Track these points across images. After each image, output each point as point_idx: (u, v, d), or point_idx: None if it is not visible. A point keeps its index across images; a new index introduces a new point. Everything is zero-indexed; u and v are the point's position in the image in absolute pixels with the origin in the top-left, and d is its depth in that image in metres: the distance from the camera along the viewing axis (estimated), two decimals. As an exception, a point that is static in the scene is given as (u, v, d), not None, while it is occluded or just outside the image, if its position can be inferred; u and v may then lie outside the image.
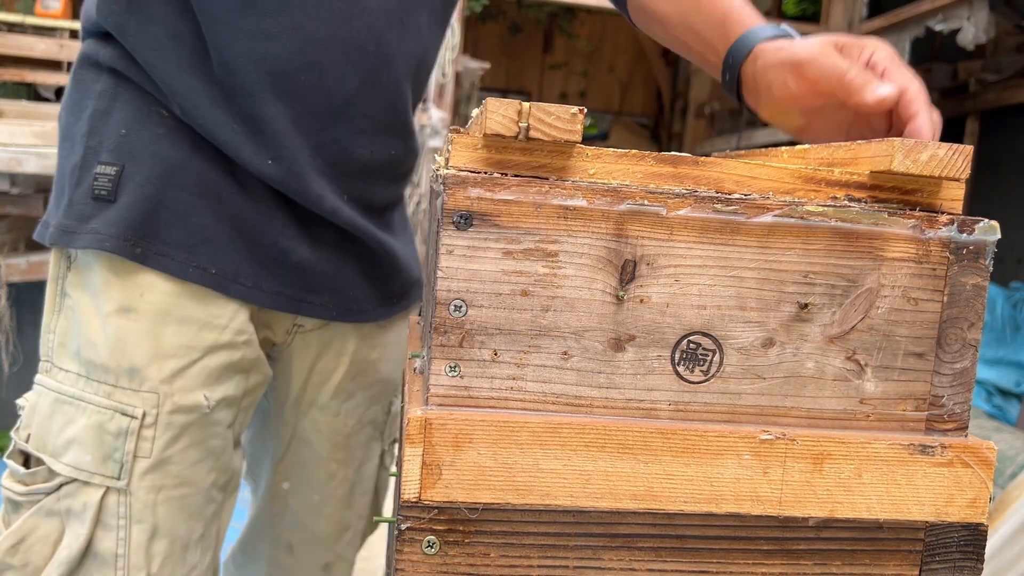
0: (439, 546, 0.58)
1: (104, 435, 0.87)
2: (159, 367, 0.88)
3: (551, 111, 0.56)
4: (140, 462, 0.88)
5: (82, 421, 0.87)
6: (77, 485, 0.88)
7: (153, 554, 0.90)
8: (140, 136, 0.88)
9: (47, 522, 0.88)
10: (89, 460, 0.87)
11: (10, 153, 2.72)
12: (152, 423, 0.88)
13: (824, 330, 0.61)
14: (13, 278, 2.93)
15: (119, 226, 0.86)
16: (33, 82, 4.31)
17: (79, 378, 0.89)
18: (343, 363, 1.06)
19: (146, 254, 0.87)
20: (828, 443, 0.60)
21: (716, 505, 0.60)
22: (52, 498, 0.88)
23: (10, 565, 0.88)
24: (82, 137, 0.90)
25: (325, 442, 1.09)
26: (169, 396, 0.88)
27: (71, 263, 0.91)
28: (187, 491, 0.91)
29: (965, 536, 0.62)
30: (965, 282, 0.61)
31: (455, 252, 0.57)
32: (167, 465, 0.89)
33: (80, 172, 0.89)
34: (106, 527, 0.88)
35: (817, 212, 0.60)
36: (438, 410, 0.58)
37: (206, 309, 0.90)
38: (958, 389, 0.63)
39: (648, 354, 0.59)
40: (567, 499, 0.59)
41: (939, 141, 0.61)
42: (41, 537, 0.88)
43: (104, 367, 0.88)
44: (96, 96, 0.91)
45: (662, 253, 0.59)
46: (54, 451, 0.88)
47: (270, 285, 0.93)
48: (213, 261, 0.89)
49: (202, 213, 0.89)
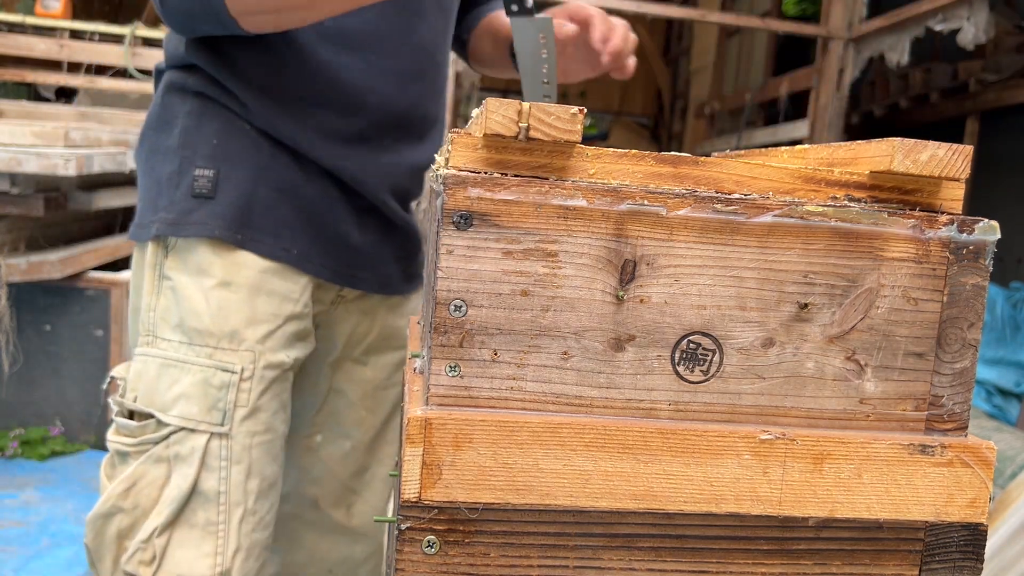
0: (439, 546, 0.58)
1: (209, 388, 1.04)
2: (254, 330, 1.06)
3: (551, 111, 0.56)
4: (239, 411, 1.05)
5: (187, 379, 1.04)
6: (185, 433, 1.03)
7: (249, 491, 1.06)
8: (230, 145, 1.08)
9: (155, 468, 1.04)
10: (196, 411, 1.03)
11: (10, 153, 2.72)
12: (249, 377, 1.05)
13: (824, 330, 0.61)
14: (13, 278, 2.93)
15: (223, 218, 1.06)
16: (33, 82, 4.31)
17: (182, 344, 1.06)
18: (375, 328, 1.26)
19: (244, 239, 1.07)
20: (828, 443, 0.60)
21: (716, 505, 0.60)
22: (161, 446, 1.04)
23: (121, 508, 1.04)
24: (176, 149, 1.09)
25: (356, 389, 1.28)
26: (262, 354, 1.07)
27: (168, 251, 1.08)
28: (271, 436, 1.09)
29: (965, 536, 0.62)
30: (965, 282, 0.62)
31: (455, 252, 0.57)
32: (259, 413, 1.07)
33: (179, 176, 1.08)
34: (209, 468, 1.03)
35: (817, 212, 0.60)
36: (438, 410, 0.58)
37: (286, 284, 1.09)
38: (958, 389, 0.63)
39: (648, 354, 0.59)
40: (567, 499, 0.59)
41: (936, 141, 0.61)
42: (150, 481, 1.04)
43: (207, 332, 1.05)
44: (185, 115, 1.10)
45: (662, 253, 0.59)
46: (163, 406, 1.04)
47: (331, 264, 1.14)
48: (293, 243, 1.09)
49: (284, 206, 1.09)
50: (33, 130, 3.00)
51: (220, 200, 1.07)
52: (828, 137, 4.05)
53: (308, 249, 1.11)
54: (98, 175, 3.14)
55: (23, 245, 3.09)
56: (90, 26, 4.09)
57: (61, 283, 3.16)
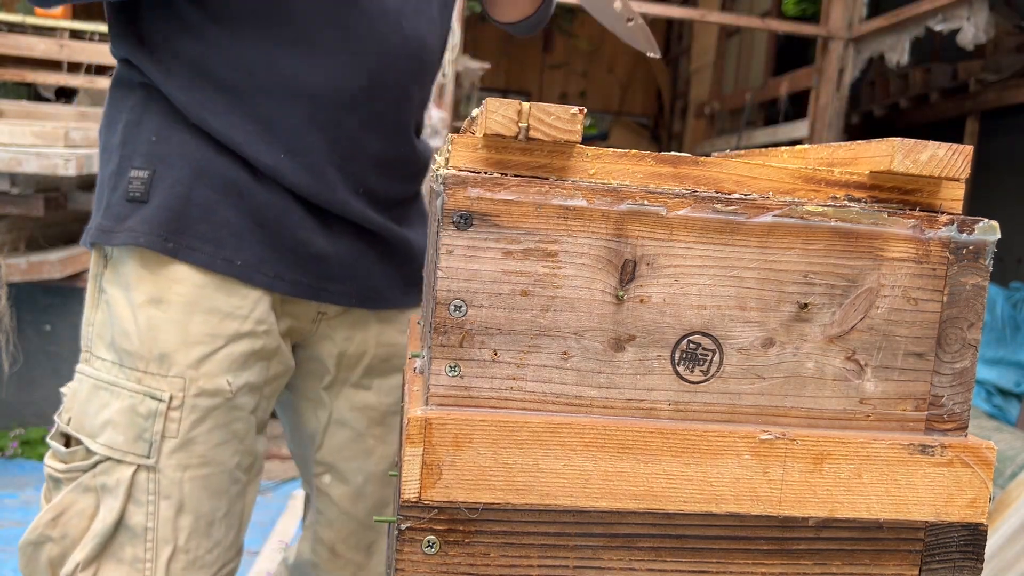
0: (439, 546, 0.58)
1: (135, 417, 0.95)
2: (186, 353, 0.96)
3: (551, 111, 0.56)
4: (168, 442, 0.95)
5: (116, 404, 0.96)
6: (111, 463, 0.95)
7: (180, 528, 0.97)
8: (169, 142, 0.97)
9: (84, 498, 0.97)
10: (122, 440, 0.95)
11: (10, 153, 2.72)
12: (179, 406, 0.96)
13: (824, 330, 0.61)
14: (13, 278, 2.93)
15: (152, 223, 0.95)
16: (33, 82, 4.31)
17: (113, 365, 0.97)
18: (370, 346, 1.14)
19: (177, 248, 0.95)
20: (828, 443, 0.60)
21: (716, 505, 0.60)
22: (89, 475, 0.96)
23: (49, 537, 0.97)
24: (117, 147, 0.99)
25: (361, 418, 1.15)
26: (194, 380, 0.96)
27: (107, 261, 1.00)
28: (212, 470, 0.99)
29: (965, 536, 0.62)
30: (965, 282, 0.61)
31: (455, 252, 0.57)
32: (192, 445, 0.97)
33: (116, 178, 0.98)
34: (137, 502, 0.96)
35: (817, 212, 0.60)
36: (438, 410, 0.58)
37: (230, 300, 0.97)
38: (958, 389, 0.63)
39: (648, 354, 0.59)
40: (567, 499, 0.59)
41: (936, 141, 0.61)
42: (79, 511, 0.97)
43: (136, 354, 0.96)
44: (128, 110, 1.00)
45: (662, 253, 0.59)
46: (91, 432, 0.96)
47: (290, 275, 1.01)
48: (237, 253, 0.97)
49: (226, 209, 0.97)
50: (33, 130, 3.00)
51: (151, 204, 0.95)
52: (828, 137, 4.06)
53: (259, 259, 0.98)
54: (98, 175, 3.13)
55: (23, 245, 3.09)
56: (90, 26, 4.09)
57: (61, 283, 3.16)
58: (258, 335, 0.99)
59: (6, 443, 3.18)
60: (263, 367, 1.01)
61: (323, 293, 1.04)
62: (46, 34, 4.18)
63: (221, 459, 0.99)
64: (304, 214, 1.00)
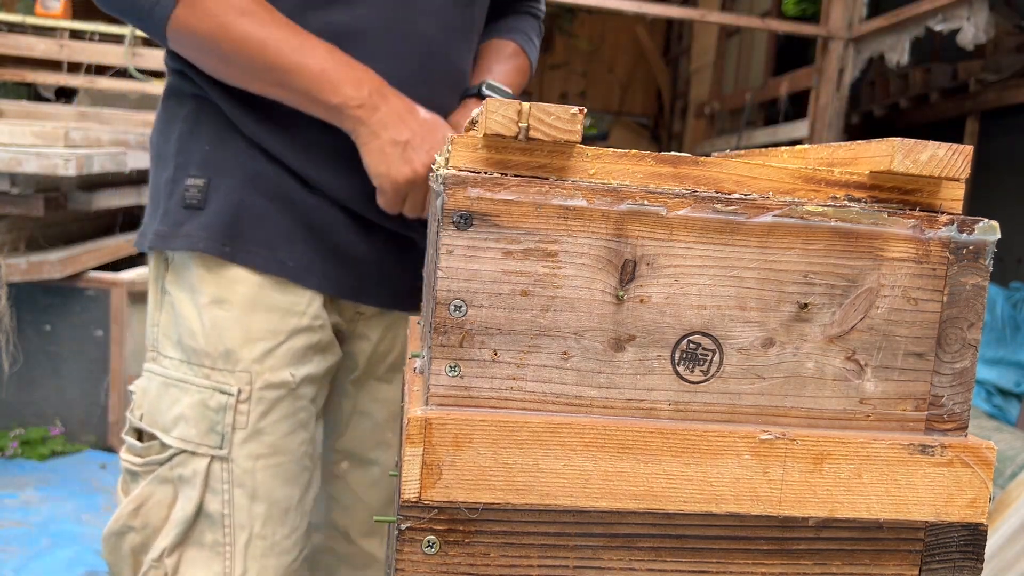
0: (439, 546, 0.58)
1: (206, 411, 1.01)
2: (250, 349, 1.02)
3: (551, 111, 0.56)
4: (238, 433, 1.02)
5: (186, 400, 1.02)
6: (186, 455, 1.02)
7: (255, 515, 1.03)
8: (223, 152, 1.04)
9: (162, 489, 1.03)
10: (195, 433, 1.01)
11: (10, 153, 2.72)
12: (247, 398, 1.02)
13: (824, 330, 0.61)
14: (13, 278, 2.93)
15: (210, 229, 1.01)
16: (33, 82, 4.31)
17: (182, 363, 1.03)
18: (398, 344, 1.21)
19: (235, 252, 1.02)
20: (828, 443, 0.60)
21: (716, 505, 0.60)
22: (165, 467, 1.03)
23: (131, 527, 1.03)
24: (172, 155, 1.05)
25: (382, 410, 1.22)
26: (260, 374, 1.03)
27: (168, 264, 1.06)
28: (281, 459, 1.05)
29: (965, 536, 0.62)
30: (965, 282, 0.61)
31: (455, 252, 0.57)
32: (262, 435, 1.03)
33: (172, 185, 1.04)
34: (213, 491, 1.02)
35: (817, 212, 0.60)
36: (438, 410, 0.58)
37: (287, 298, 1.04)
38: (958, 389, 0.63)
39: (648, 354, 0.59)
40: (567, 499, 0.59)
41: (936, 141, 0.61)
42: (158, 501, 1.03)
43: (203, 352, 1.02)
44: (182, 119, 1.06)
45: (662, 253, 0.59)
46: (164, 427, 1.03)
47: (335, 276, 1.08)
48: (290, 256, 1.04)
49: (279, 216, 1.04)
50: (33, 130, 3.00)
51: (208, 211, 1.02)
52: (828, 137, 4.06)
53: (309, 260, 1.05)
54: (98, 175, 3.14)
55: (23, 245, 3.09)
56: (90, 26, 4.09)
57: (61, 283, 3.16)
58: (315, 329, 1.06)
59: (6, 443, 3.18)
60: (320, 359, 1.08)
61: (363, 295, 1.11)
62: (46, 34, 4.18)
63: (290, 447, 1.05)
64: (347, 221, 1.07)
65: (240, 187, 1.02)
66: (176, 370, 1.03)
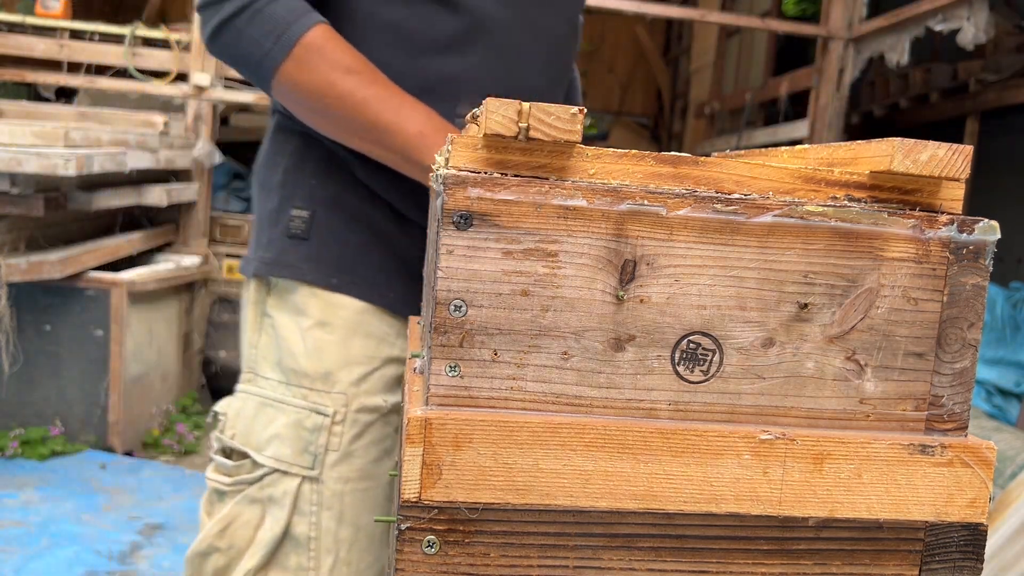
0: (439, 546, 0.58)
1: (301, 431, 1.03)
2: (348, 372, 1.04)
3: (551, 111, 0.56)
4: (330, 454, 1.03)
5: (282, 419, 1.04)
6: (278, 475, 1.03)
7: (341, 539, 1.04)
8: (327, 187, 1.08)
9: (250, 509, 1.04)
10: (288, 452, 1.03)
11: (10, 153, 2.72)
12: (341, 420, 1.04)
13: (824, 330, 0.61)
14: (13, 278, 2.93)
15: (315, 261, 1.06)
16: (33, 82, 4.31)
17: (280, 384, 1.06)
18: None
19: (340, 284, 1.06)
20: (828, 443, 0.60)
21: (716, 505, 0.60)
22: (255, 487, 1.04)
23: (217, 547, 1.04)
24: (277, 186, 1.10)
25: None
26: (356, 397, 1.05)
27: (270, 289, 1.10)
28: (369, 484, 1.06)
29: (965, 536, 0.62)
30: (965, 282, 0.61)
31: (455, 252, 0.57)
32: (352, 458, 1.04)
33: (277, 215, 1.09)
34: (301, 513, 1.03)
35: (817, 212, 0.60)
36: (438, 410, 0.58)
37: (382, 327, 1.08)
38: (958, 389, 0.63)
39: (648, 354, 0.59)
40: (567, 499, 0.59)
41: (936, 141, 0.61)
42: (244, 522, 1.04)
43: (303, 372, 1.04)
44: (289, 154, 1.11)
45: (662, 253, 0.59)
46: (258, 446, 1.04)
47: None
48: (389, 288, 1.08)
49: (378, 252, 1.09)
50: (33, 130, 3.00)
51: (313, 243, 1.07)
52: (828, 137, 4.06)
53: (404, 293, 1.09)
54: (98, 175, 3.13)
55: (23, 245, 3.09)
56: (90, 26, 4.09)
57: (61, 283, 3.16)
58: (402, 361, 1.08)
59: (6, 443, 3.18)
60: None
61: None
62: (46, 34, 4.17)
63: (378, 474, 1.07)
64: None
65: (344, 222, 1.07)
66: (274, 391, 1.05)
